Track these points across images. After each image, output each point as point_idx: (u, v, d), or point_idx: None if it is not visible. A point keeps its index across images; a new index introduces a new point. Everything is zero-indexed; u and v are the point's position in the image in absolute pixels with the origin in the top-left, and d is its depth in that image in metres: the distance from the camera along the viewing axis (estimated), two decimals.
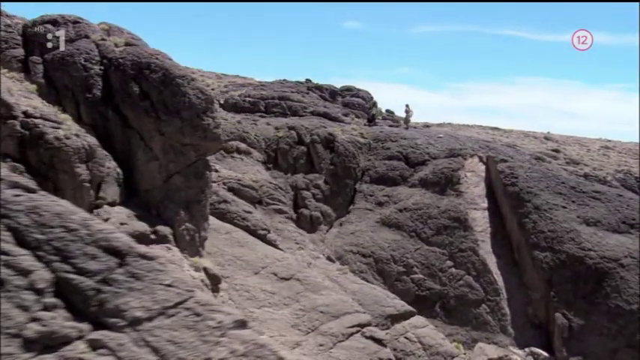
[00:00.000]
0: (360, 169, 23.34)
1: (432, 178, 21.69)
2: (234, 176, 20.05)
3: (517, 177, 20.27)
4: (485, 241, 19.69)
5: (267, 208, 20.09)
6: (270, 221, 19.65)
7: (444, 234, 19.97)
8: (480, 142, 25.29)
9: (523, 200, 19.56)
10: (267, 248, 17.93)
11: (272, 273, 16.67)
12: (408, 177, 22.45)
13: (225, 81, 33.99)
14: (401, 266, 19.67)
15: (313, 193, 22.34)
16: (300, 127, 24.17)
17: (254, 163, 22.12)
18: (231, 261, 16.72)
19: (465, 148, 22.79)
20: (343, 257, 20.36)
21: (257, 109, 27.70)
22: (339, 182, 22.74)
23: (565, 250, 18.34)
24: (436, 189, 21.37)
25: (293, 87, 30.60)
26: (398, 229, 20.66)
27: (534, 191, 19.71)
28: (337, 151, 23.10)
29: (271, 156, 23.48)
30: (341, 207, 22.55)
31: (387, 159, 23.44)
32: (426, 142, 23.78)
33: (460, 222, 19.99)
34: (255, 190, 19.94)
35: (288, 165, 23.23)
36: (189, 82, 14.03)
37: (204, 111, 14.07)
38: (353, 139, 23.87)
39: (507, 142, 42.95)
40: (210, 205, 18.68)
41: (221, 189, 19.23)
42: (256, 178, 20.60)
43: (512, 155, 23.43)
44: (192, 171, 14.00)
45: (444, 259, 19.50)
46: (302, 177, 22.81)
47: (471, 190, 20.94)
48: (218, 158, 21.57)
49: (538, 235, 18.74)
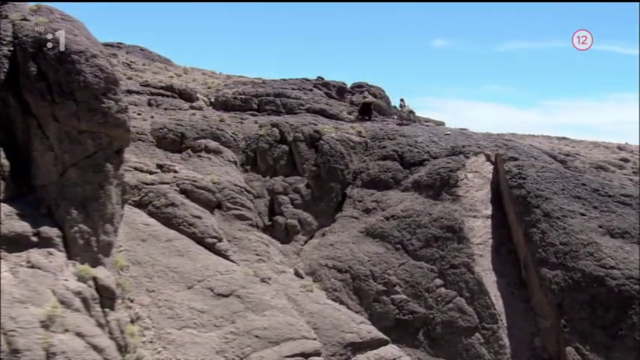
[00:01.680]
0: (350, 171, 21.10)
1: (426, 180, 19.10)
2: (191, 177, 18.39)
3: (525, 177, 17.32)
4: (484, 256, 16.83)
5: (226, 213, 18.26)
6: (228, 228, 17.82)
7: (434, 246, 17.31)
8: (497, 140, 22.37)
9: (530, 205, 16.60)
10: (213, 259, 16.09)
11: (208, 288, 14.77)
12: (402, 179, 19.95)
13: (229, 81, 32.79)
14: (381, 284, 17.17)
15: (292, 198, 20.34)
16: (283, 124, 22.31)
17: (223, 164, 20.42)
18: (162, 272, 15.00)
19: (469, 145, 20.01)
20: (317, 272, 18.13)
21: (248, 107, 26.18)
22: (322, 186, 20.61)
23: (581, 267, 15.22)
24: (430, 193, 18.76)
25: (296, 84, 28.90)
26: (382, 241, 18.19)
27: (545, 194, 16.69)
28: (321, 151, 20.99)
29: (250, 156, 21.73)
30: (325, 214, 20.37)
31: (380, 159, 21.07)
32: (428, 140, 21.18)
33: (454, 232, 17.26)
34: (213, 192, 18.17)
35: (267, 166, 21.40)
36: (88, 58, 12.53)
37: (104, 92, 12.49)
38: (344, 137, 21.69)
39: (568, 150, 39.20)
40: (157, 208, 17.16)
41: (172, 191, 17.67)
42: (219, 180, 18.84)
43: (533, 155, 20.41)
44: (91, 163, 12.40)
45: (432, 277, 16.83)
46: (281, 180, 20.89)
47: (471, 194, 18.15)
48: (183, 158, 20.13)
49: (547, 249, 15.73)
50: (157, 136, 20.65)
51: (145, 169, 18.68)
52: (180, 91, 26.18)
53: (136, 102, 24.29)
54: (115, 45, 39.90)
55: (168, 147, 20.60)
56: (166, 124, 21.08)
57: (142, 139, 20.45)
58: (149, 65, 34.89)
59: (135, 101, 24.34)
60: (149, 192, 17.55)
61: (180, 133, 20.79)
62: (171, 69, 35.82)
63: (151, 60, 38.55)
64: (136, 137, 20.26)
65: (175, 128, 20.84)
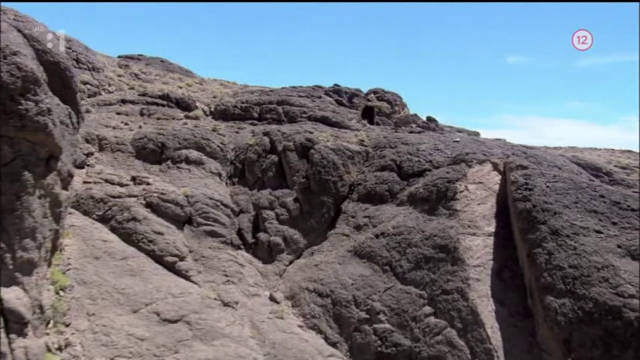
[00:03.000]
0: (345, 184, 19.67)
1: (421, 192, 17.40)
2: (160, 190, 17.51)
3: (531, 188, 15.33)
4: (482, 280, 14.91)
5: (197, 229, 17.23)
6: (197, 245, 16.76)
7: (424, 268, 15.55)
8: (515, 148, 20.36)
9: (535, 221, 14.59)
10: (169, 280, 15.04)
11: (155, 312, 13.69)
12: (398, 192, 18.32)
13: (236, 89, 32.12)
14: (364, 311, 15.55)
15: (277, 214, 19.10)
16: (275, 132, 21.20)
17: (204, 176, 19.48)
18: (108, 294, 14.05)
19: (473, 153, 18.16)
20: (296, 296, 16.75)
21: (249, 116, 25.24)
22: (312, 200, 19.27)
23: (593, 295, 13.08)
24: (425, 207, 17.04)
25: (305, 91, 27.78)
26: (369, 261, 16.61)
27: (554, 208, 14.65)
28: (312, 161, 19.69)
29: (238, 168, 20.73)
30: (314, 231, 19.01)
31: (378, 170, 19.55)
32: (432, 148, 19.46)
33: (447, 252, 15.45)
34: (182, 206, 17.19)
35: (255, 178, 20.30)
36: (7, 56, 11.85)
37: (22, 93, 11.72)
38: (340, 146, 20.30)
39: (628, 163, 36.02)
40: (119, 223, 16.37)
41: (137, 204, 16.81)
42: (192, 193, 17.87)
43: (557, 165, 18.35)
44: (7, 172, 11.64)
45: (420, 304, 15.05)
46: (268, 193, 19.72)
47: (471, 209, 16.29)
48: (162, 169, 19.35)
49: (553, 273, 13.67)
50: (136, 146, 20.00)
51: (117, 182, 17.98)
52: (177, 100, 25.61)
53: (127, 112, 23.87)
54: (136, 57, 40.26)
55: (147, 158, 19.92)
56: (147, 133, 20.41)
57: (122, 150, 19.86)
58: (162, 76, 34.79)
59: (127, 111, 23.94)
60: (114, 206, 16.79)
61: (161, 143, 20.06)
62: (186, 79, 35.58)
63: (170, 71, 38.58)
64: (115, 148, 19.69)
65: (156, 138, 20.14)
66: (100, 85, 26.58)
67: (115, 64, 33.69)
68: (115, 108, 24.10)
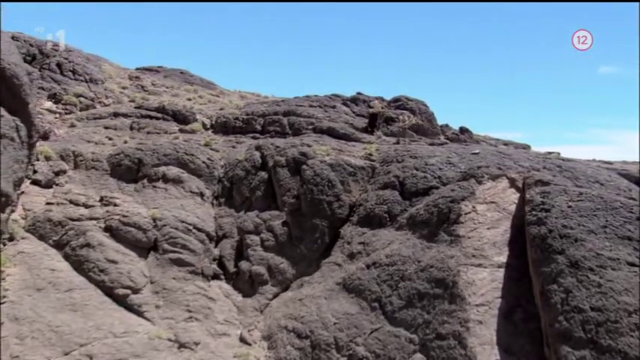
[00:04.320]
0: (344, 204, 17.98)
1: (422, 215, 15.48)
2: (124, 211, 16.41)
3: (549, 209, 13.13)
4: (485, 323, 12.78)
5: (162, 257, 15.98)
6: (159, 276, 15.51)
7: (417, 306, 13.59)
8: (548, 160, 18.09)
9: (551, 250, 12.39)
10: (115, 316, 13.81)
11: (88, 355, 12.45)
12: (398, 214, 16.46)
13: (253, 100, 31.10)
14: (345, 356, 13.74)
15: (263, 239, 17.65)
16: (267, 146, 19.83)
17: (182, 195, 18.29)
18: (40, 332, 12.95)
19: (486, 166, 16.06)
20: (274, 336, 15.15)
21: (251, 129, 24.04)
22: (302, 223, 17.70)
23: (622, 348, 10.77)
24: (424, 232, 15.10)
25: (319, 101, 26.38)
26: (357, 297, 14.81)
27: (575, 234, 12.41)
28: (303, 178, 18.14)
29: (226, 187, 19.46)
30: (305, 260, 17.41)
31: (381, 188, 17.77)
32: (444, 162, 17.49)
33: (445, 287, 13.44)
34: (145, 230, 16.00)
35: (242, 198, 18.94)
36: None
37: None
38: (339, 161, 18.65)
39: None
40: (72, 249, 15.37)
41: (95, 228, 15.76)
42: (162, 215, 16.67)
43: (600, 181, 16.04)
44: None
45: (409, 350, 13.08)
46: (255, 215, 18.30)
47: (478, 234, 14.22)
48: (137, 188, 18.34)
49: (571, 317, 11.44)
50: (112, 163, 19.10)
51: (82, 203, 17.05)
52: (174, 113, 24.74)
53: (117, 125, 23.16)
54: (154, 69, 40.22)
55: (123, 175, 18.99)
56: (125, 149, 19.48)
57: (96, 168, 19.01)
58: (176, 88, 34.31)
59: (117, 125, 23.24)
60: (70, 230, 15.81)
61: (138, 159, 19.08)
62: (203, 91, 34.98)
63: (189, 83, 38.21)
64: (90, 165, 18.88)
65: (133, 154, 19.18)
66: (95, 98, 26.14)
67: (125, 76, 33.48)
68: (105, 122, 23.46)
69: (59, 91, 25.29)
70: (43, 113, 22.98)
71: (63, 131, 21.84)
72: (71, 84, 26.57)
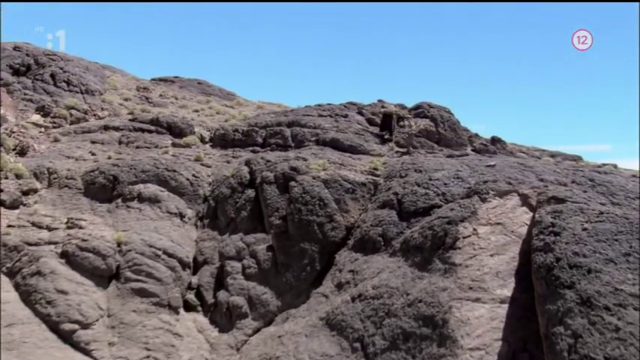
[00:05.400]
0: (339, 226, 16.66)
1: (415, 238, 13.96)
2: (88, 234, 15.59)
3: (559, 232, 11.43)
4: None
5: (123, 286, 15.02)
6: (119, 308, 14.58)
7: (401, 349, 12.06)
8: (579, 173, 16.28)
9: (558, 283, 10.69)
10: (57, 356, 12.91)
11: None
12: (394, 237, 14.99)
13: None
14: None
15: (245, 266, 16.51)
16: (256, 160, 18.75)
17: (158, 217, 17.38)
18: None
19: (493, 181, 14.41)
20: None
21: (251, 142, 23.05)
22: (289, 248, 16.46)
23: None
24: (417, 259, 13.57)
25: (328, 109, 25.22)
26: (339, 334, 13.41)
27: (589, 263, 10.66)
28: (291, 197, 16.92)
29: (212, 206, 18.47)
30: (293, 289, 16.18)
31: (379, 207, 16.37)
32: (451, 176, 15.93)
33: (435, 326, 11.87)
34: (104, 257, 15.09)
35: (227, 219, 17.88)
36: None
37: None
38: (335, 176, 17.35)
39: None
40: (23, 278, 14.63)
41: (51, 254, 14.98)
42: (128, 239, 15.76)
43: (634, 194, 14.21)
44: None
45: None
46: (239, 238, 17.20)
47: (478, 262, 12.59)
48: (110, 209, 17.53)
49: None
50: (86, 180, 18.38)
51: (45, 225, 16.33)
52: (169, 125, 24.00)
53: (105, 140, 22.58)
54: (170, 79, 40.04)
55: (96, 194, 18.25)
56: (101, 165, 18.75)
57: (70, 186, 18.33)
58: (189, 99, 33.80)
59: (105, 139, 22.67)
60: (24, 256, 15.05)
61: (113, 176, 18.31)
62: (217, 101, 34.36)
63: (205, 94, 37.77)
64: (64, 183, 18.23)
65: (108, 170, 18.43)
66: (89, 110, 25.73)
67: (133, 87, 33.20)
68: (93, 136, 22.92)
69: (49, 103, 25.03)
70: (27, 127, 22.65)
71: (45, 146, 21.41)
72: (64, 95, 26.29)
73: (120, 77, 35.56)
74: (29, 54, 28.52)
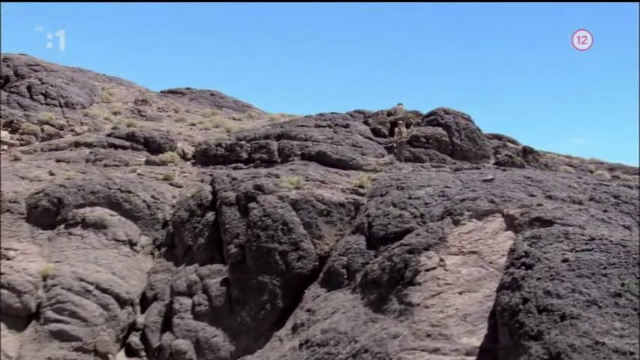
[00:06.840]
0: (308, 254, 15.19)
1: (374, 272, 12.30)
2: (8, 267, 14.63)
3: (531, 265, 9.57)
4: None
5: (42, 328, 13.94)
6: (32, 354, 13.43)
7: None
8: (600, 188, 14.29)
9: (522, 333, 8.81)
10: None
11: None
12: (358, 269, 13.35)
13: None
14: None
15: (195, 303, 15.21)
16: (221, 178, 17.51)
17: (103, 245, 16.42)
18: None
19: (473, 199, 12.57)
20: None
21: (234, 157, 21.90)
22: (246, 281, 15.07)
23: None
24: (373, 296, 11.89)
25: (328, 119, 23.95)
26: None
27: (563, 306, 8.73)
28: (250, 221, 15.54)
29: (169, 232, 17.34)
30: (250, 331, 14.80)
31: (352, 232, 14.81)
32: (435, 194, 14.19)
33: None
34: (19, 293, 14.10)
35: (185, 247, 16.69)
36: None
37: None
38: (306, 196, 15.89)
39: None
40: None
41: None
42: (56, 272, 14.72)
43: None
44: None
45: None
46: (194, 270, 15.94)
47: (442, 302, 10.79)
48: (50, 237, 16.62)
49: None
50: (29, 204, 17.54)
51: None
52: (146, 140, 23.10)
53: (72, 158, 21.86)
54: (180, 91, 39.72)
55: (39, 219, 17.36)
56: (46, 187, 17.90)
57: (12, 210, 17.53)
58: (191, 112, 33.11)
59: (72, 157, 21.96)
60: None
61: (58, 199, 17.43)
62: (221, 114, 33.55)
63: (217, 105, 37.17)
64: (6, 207, 17.45)
65: (53, 192, 17.54)
66: (66, 126, 25.20)
67: (131, 99, 32.77)
68: (60, 154, 22.25)
69: (19, 117, 24.60)
70: None
71: (2, 166, 20.80)
72: (40, 109, 25.90)
73: (123, 90, 35.26)
74: (10, 65, 28.38)
